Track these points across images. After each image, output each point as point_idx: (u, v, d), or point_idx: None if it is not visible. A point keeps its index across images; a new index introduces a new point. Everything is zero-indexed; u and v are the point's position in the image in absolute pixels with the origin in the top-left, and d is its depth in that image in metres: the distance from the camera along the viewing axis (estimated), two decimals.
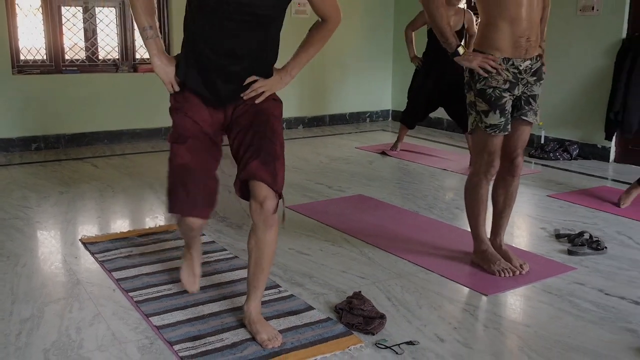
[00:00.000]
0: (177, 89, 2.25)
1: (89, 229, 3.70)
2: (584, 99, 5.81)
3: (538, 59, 2.89)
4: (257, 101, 2.25)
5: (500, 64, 2.78)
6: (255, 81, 2.23)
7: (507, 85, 2.82)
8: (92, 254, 3.23)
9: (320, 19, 2.33)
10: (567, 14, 5.76)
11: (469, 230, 3.18)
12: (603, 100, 5.57)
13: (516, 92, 2.86)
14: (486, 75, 2.78)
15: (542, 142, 6.02)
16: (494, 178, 3.04)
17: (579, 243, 3.42)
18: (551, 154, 5.79)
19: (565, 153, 5.81)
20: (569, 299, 2.77)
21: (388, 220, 3.90)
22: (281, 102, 2.38)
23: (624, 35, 5.46)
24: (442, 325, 2.51)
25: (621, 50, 5.42)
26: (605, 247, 3.39)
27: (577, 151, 5.84)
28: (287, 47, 2.53)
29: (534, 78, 2.89)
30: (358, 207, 4.19)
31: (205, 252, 3.18)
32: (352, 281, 2.93)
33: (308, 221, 3.85)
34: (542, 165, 5.56)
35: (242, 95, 2.24)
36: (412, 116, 5.80)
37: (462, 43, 2.90)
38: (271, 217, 2.23)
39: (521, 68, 2.82)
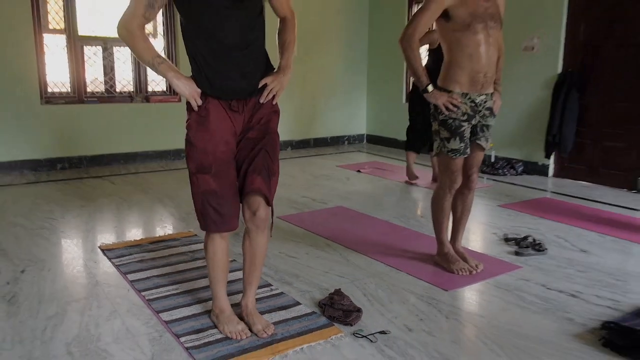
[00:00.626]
0: (199, 102, 2.10)
1: (106, 237, 3.65)
2: (527, 124, 5.87)
3: (492, 95, 2.92)
4: (274, 102, 2.21)
5: (459, 99, 2.80)
6: (265, 85, 2.15)
7: (465, 117, 2.84)
8: (110, 259, 3.19)
9: (281, 19, 2.32)
10: (512, 53, 5.83)
11: (433, 235, 3.18)
12: (543, 125, 5.62)
13: (474, 121, 2.89)
14: (447, 113, 2.81)
15: (493, 160, 6.06)
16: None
17: (524, 245, 3.44)
18: (500, 171, 5.82)
19: (512, 170, 5.84)
20: (516, 293, 2.78)
21: (364, 227, 3.89)
22: (279, 113, 2.32)
23: (559, 70, 5.53)
24: (410, 317, 2.51)
25: (557, 84, 5.48)
26: (546, 249, 3.41)
27: (522, 168, 5.88)
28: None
29: (489, 111, 2.93)
30: (338, 216, 4.18)
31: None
32: (333, 280, 2.92)
33: (296, 229, 3.83)
34: (493, 180, 5.59)
35: (260, 100, 2.16)
36: (416, 141, 5.33)
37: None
38: (262, 222, 2.24)
39: (477, 101, 2.85)
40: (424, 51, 4.56)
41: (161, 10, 2.37)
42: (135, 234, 3.78)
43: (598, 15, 5.22)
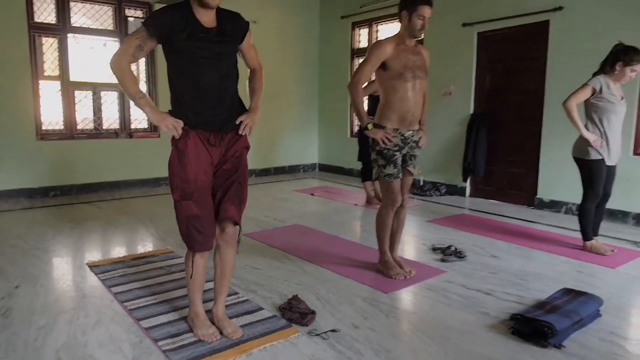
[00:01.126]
0: (179, 129, 2.04)
1: (93, 255, 3.49)
2: (448, 154, 6.02)
3: (418, 131, 3.00)
4: (249, 135, 2.21)
5: (392, 133, 2.87)
6: (236, 117, 2.15)
7: (397, 148, 2.91)
8: (96, 274, 3.05)
9: (251, 70, 2.34)
10: (435, 98, 6.01)
11: (375, 246, 3.19)
12: (460, 155, 5.78)
13: (404, 151, 2.96)
14: (384, 145, 2.88)
15: (422, 184, 6.16)
16: None
17: (448, 253, 3.49)
18: (427, 192, 5.92)
19: (437, 191, 5.95)
20: (442, 293, 2.82)
21: (316, 241, 3.87)
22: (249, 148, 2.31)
23: (471, 111, 5.73)
24: (356, 316, 2.49)
25: (469, 122, 5.66)
26: (466, 256, 3.47)
27: (445, 190, 6.00)
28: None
29: (415, 143, 3.00)
30: (295, 232, 4.15)
31: (181, 270, 3.07)
32: (291, 287, 2.88)
33: (259, 244, 3.78)
34: (422, 200, 5.68)
35: (240, 132, 2.15)
36: (370, 172, 5.12)
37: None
38: (231, 239, 2.22)
39: (406, 135, 2.93)
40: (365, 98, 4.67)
41: (144, 59, 2.34)
42: (119, 251, 3.63)
43: (499, 69, 5.46)
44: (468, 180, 5.82)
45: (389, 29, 6.82)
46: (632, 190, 4.37)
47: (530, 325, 2.26)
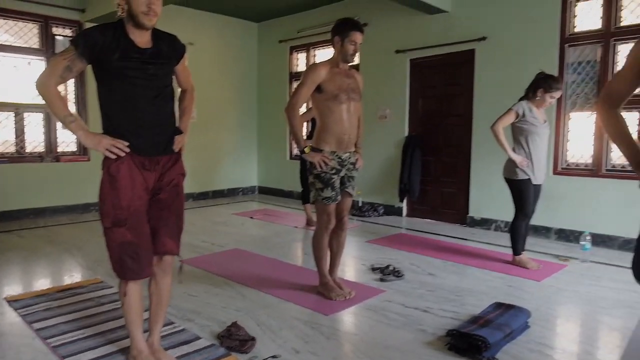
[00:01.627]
0: (125, 149, 1.94)
1: (13, 289, 3.22)
2: (385, 176, 6.19)
3: (354, 153, 3.06)
4: (182, 153, 2.18)
5: (329, 157, 2.91)
6: (173, 139, 2.12)
7: (334, 171, 2.94)
8: (15, 309, 2.81)
9: (182, 90, 2.33)
10: (372, 121, 6.20)
11: (315, 269, 3.19)
12: (396, 176, 5.96)
13: (341, 174, 3.00)
14: (321, 169, 2.90)
15: (360, 205, 6.27)
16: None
17: (387, 273, 3.55)
18: (366, 213, 6.02)
19: (375, 212, 6.07)
20: (382, 312, 2.85)
21: (256, 266, 3.81)
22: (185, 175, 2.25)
23: (406, 134, 5.95)
24: (297, 340, 2.46)
25: (404, 144, 5.86)
26: (404, 275, 3.54)
27: (383, 210, 6.14)
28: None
29: (353, 165, 3.05)
30: (234, 257, 4.07)
31: (112, 301, 2.91)
32: (230, 314, 2.80)
33: (196, 271, 3.66)
34: (361, 221, 5.77)
35: (174, 147, 2.11)
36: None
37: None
38: (169, 266, 2.14)
39: (343, 157, 2.97)
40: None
41: (72, 80, 2.24)
42: (42, 284, 3.38)
43: (431, 94, 5.73)
44: (404, 201, 5.99)
45: (326, 54, 6.98)
46: (553, 207, 4.69)
47: (465, 340, 2.33)
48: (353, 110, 2.95)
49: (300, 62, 7.39)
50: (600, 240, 4.40)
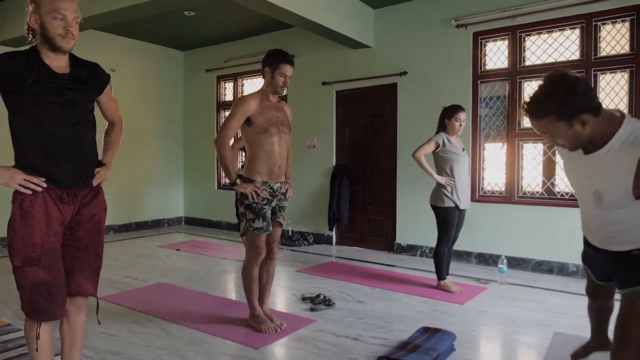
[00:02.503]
0: (42, 184, 1.82)
1: None
2: (314, 204, 6.25)
3: (284, 184, 3.07)
4: (102, 185, 2.07)
5: (261, 187, 2.90)
6: (96, 173, 2.02)
7: (265, 201, 2.93)
8: None
9: (110, 123, 2.24)
10: (300, 150, 6.28)
11: (244, 301, 3.12)
12: (325, 205, 6.04)
13: (272, 204, 3.00)
14: (252, 200, 2.88)
15: (290, 234, 6.26)
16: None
17: (317, 302, 3.55)
18: (296, 242, 6.02)
19: (305, 241, 6.08)
20: (313, 342, 2.83)
21: (183, 300, 3.66)
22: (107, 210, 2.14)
23: (334, 163, 6.08)
24: None
25: (333, 173, 5.98)
26: (334, 303, 3.56)
27: (313, 239, 6.16)
28: None
29: (283, 195, 3.07)
30: (158, 292, 3.87)
31: (20, 345, 2.65)
32: (154, 352, 2.65)
33: (117, 308, 3.44)
34: (291, 250, 5.75)
35: (93, 182, 1.99)
36: None
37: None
38: (84, 304, 2.00)
39: (274, 188, 2.98)
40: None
41: None
42: None
43: (356, 124, 5.93)
44: (334, 229, 6.07)
45: (254, 84, 7.03)
46: (473, 232, 4.97)
47: None
48: (283, 143, 2.99)
49: (227, 91, 7.37)
50: (515, 262, 4.71)
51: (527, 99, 1.67)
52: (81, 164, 1.96)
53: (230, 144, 2.95)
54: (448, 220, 3.85)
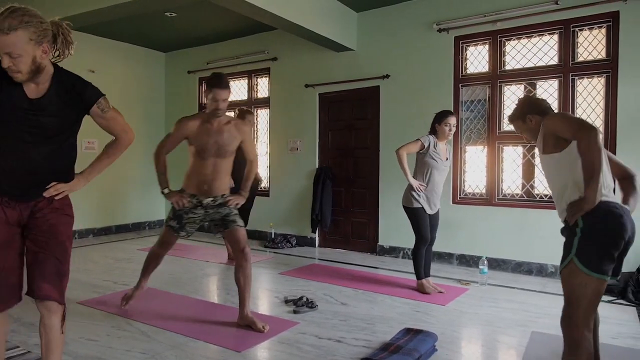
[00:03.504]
0: None
1: None
2: (297, 207, 6.24)
3: (223, 196, 3.16)
4: (56, 198, 1.96)
5: (187, 197, 3.11)
6: (51, 185, 1.94)
7: (186, 210, 3.13)
8: None
9: (115, 136, 2.19)
10: (283, 152, 6.29)
11: (227, 304, 3.11)
12: (308, 207, 6.04)
13: (200, 215, 3.17)
14: (178, 207, 3.12)
15: (273, 236, 6.25)
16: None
17: (300, 304, 3.55)
18: (279, 244, 6.00)
19: (288, 243, 6.07)
20: (296, 345, 2.83)
21: (164, 304, 3.62)
22: (73, 218, 2.08)
23: (317, 165, 6.09)
24: None
25: (316, 175, 5.99)
26: (317, 305, 3.56)
27: (295, 241, 6.16)
28: None
29: (219, 207, 3.16)
30: (139, 296, 3.82)
31: None
32: (134, 357, 2.62)
33: (96, 312, 3.39)
34: (274, 252, 5.73)
35: (44, 194, 1.92)
36: None
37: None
38: (55, 307, 1.95)
39: (203, 202, 3.14)
40: None
41: None
42: None
43: (339, 127, 5.96)
44: (317, 231, 6.07)
45: (235, 86, 7.01)
46: (454, 234, 5.03)
47: None
48: (218, 166, 3.10)
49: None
50: (496, 264, 4.78)
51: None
52: (37, 188, 1.93)
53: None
54: (419, 220, 3.90)
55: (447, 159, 4.00)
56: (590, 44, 4.45)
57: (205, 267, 4.95)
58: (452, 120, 3.89)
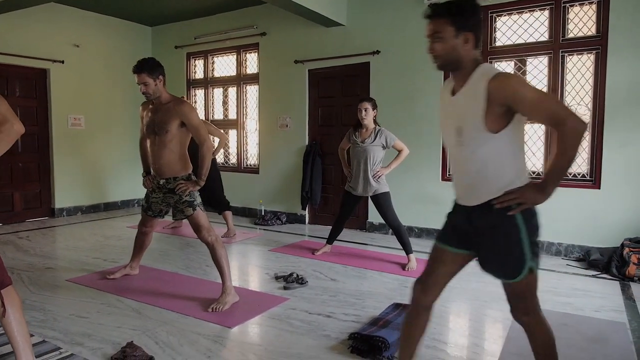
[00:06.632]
0: None
1: None
2: (287, 184, 6.23)
3: (174, 179, 3.22)
4: None
5: (150, 179, 3.33)
6: None
7: (152, 189, 3.35)
8: None
9: None
10: (272, 129, 6.24)
11: (219, 280, 3.11)
12: (298, 184, 6.04)
13: (159, 197, 3.32)
14: (145, 187, 3.38)
15: (263, 213, 6.25)
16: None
17: (290, 281, 3.58)
18: (269, 222, 6.01)
19: (278, 220, 6.08)
20: (286, 320, 2.86)
21: (154, 280, 3.62)
22: None
23: (306, 142, 6.06)
24: (199, 356, 2.38)
25: (305, 152, 5.96)
26: (307, 281, 3.59)
27: (286, 218, 6.17)
28: None
29: (171, 192, 3.24)
30: (127, 274, 3.82)
31: None
32: (125, 333, 2.63)
33: (86, 290, 3.39)
34: (264, 230, 5.74)
35: None
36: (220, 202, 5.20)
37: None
38: None
39: (160, 183, 3.27)
40: None
41: None
42: None
43: (329, 104, 5.91)
44: (307, 208, 6.08)
45: (224, 61, 6.89)
46: (443, 211, 5.02)
47: (366, 342, 2.42)
48: (158, 145, 3.19)
49: (198, 69, 7.20)
50: None
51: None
52: None
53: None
54: (342, 199, 4.37)
55: (363, 141, 4.10)
56: (581, 20, 4.42)
57: (194, 244, 4.94)
58: (362, 104, 4.08)
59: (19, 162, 6.01)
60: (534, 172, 4.68)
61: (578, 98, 4.46)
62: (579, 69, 4.46)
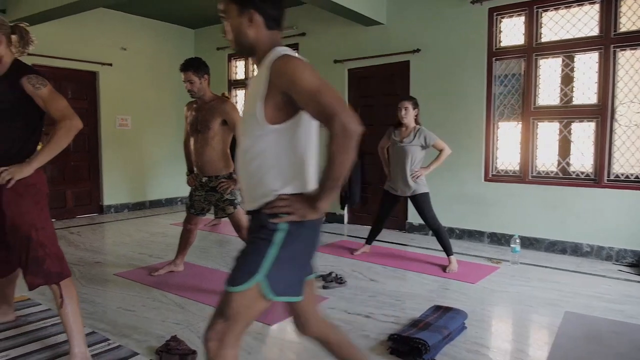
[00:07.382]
0: None
1: None
2: None
3: (216, 178, 3.36)
4: (8, 186, 1.99)
5: (194, 177, 3.48)
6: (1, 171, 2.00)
7: (194, 188, 3.50)
8: None
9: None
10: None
11: None
12: None
13: (202, 195, 3.45)
14: (189, 185, 3.53)
15: None
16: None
17: (329, 280, 3.58)
18: None
19: None
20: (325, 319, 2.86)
21: (197, 277, 3.72)
22: (41, 194, 2.11)
23: None
24: (240, 353, 2.41)
25: None
26: (346, 281, 3.59)
27: (324, 218, 6.17)
28: None
29: (213, 190, 3.38)
30: (173, 271, 3.93)
31: (41, 319, 2.73)
32: (169, 327, 2.71)
33: (133, 284, 3.51)
34: None
35: None
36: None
37: None
38: (53, 288, 2.14)
39: (203, 181, 3.43)
40: None
41: None
42: None
43: (368, 103, 5.87)
44: (345, 208, 6.07)
45: None
46: (485, 212, 4.94)
47: (406, 344, 2.39)
48: (201, 142, 3.29)
49: (239, 69, 7.33)
50: (528, 242, 4.69)
51: None
52: None
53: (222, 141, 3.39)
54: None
55: (402, 140, 4.09)
56: (635, 13, 4.21)
57: (235, 242, 5.03)
58: (401, 104, 4.09)
59: (71, 162, 6.31)
60: (582, 173, 4.50)
61: (631, 95, 4.25)
62: (632, 65, 4.25)
